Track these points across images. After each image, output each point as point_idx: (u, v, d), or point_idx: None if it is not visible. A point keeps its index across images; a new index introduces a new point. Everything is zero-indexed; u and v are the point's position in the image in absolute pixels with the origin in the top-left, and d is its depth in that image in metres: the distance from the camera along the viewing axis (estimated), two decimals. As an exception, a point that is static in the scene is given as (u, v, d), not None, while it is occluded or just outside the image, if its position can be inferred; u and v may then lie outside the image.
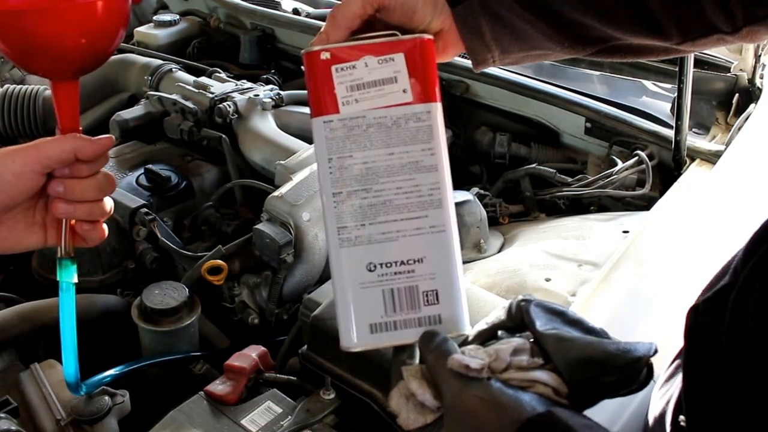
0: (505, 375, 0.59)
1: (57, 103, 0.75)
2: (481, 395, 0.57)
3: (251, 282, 1.42)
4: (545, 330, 0.60)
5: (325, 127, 0.66)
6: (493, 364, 0.59)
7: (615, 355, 0.57)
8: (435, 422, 0.61)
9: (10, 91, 1.84)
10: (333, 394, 1.06)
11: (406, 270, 0.66)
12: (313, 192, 1.39)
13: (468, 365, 0.58)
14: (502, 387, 0.57)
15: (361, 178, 0.65)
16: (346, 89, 0.66)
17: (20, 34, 0.69)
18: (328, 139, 0.66)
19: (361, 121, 0.66)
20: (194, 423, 1.03)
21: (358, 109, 0.66)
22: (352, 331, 0.66)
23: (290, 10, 2.41)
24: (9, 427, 1.03)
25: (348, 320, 0.66)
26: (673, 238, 1.26)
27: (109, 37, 0.74)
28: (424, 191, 0.66)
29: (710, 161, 1.55)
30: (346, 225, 0.65)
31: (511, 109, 1.88)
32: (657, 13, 0.70)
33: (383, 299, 0.66)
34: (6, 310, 1.32)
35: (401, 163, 0.66)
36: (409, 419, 0.62)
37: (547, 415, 0.55)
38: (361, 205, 0.65)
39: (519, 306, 0.63)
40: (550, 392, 0.58)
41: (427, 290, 0.66)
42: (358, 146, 0.66)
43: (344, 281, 0.66)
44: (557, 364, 0.58)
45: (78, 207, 0.73)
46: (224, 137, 1.70)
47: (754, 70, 1.73)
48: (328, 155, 0.66)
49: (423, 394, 0.61)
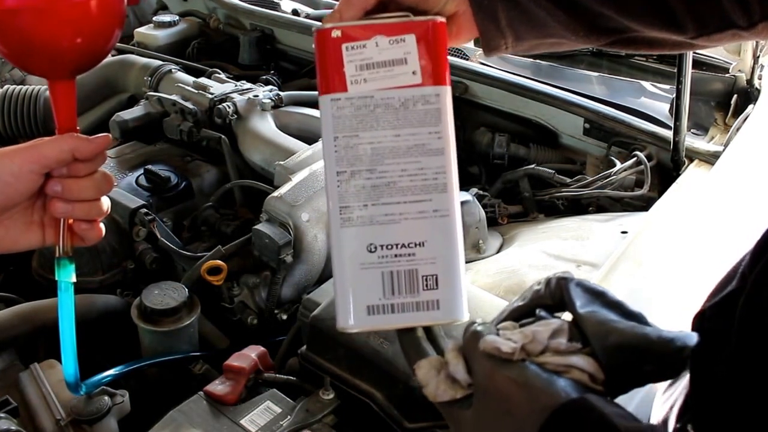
0: (541, 358, 0.57)
1: (54, 102, 0.76)
2: (514, 377, 0.56)
3: (250, 282, 1.42)
4: (585, 312, 0.58)
5: (332, 105, 0.65)
6: (528, 345, 0.57)
7: (656, 343, 0.55)
8: (463, 399, 0.60)
9: (10, 91, 1.84)
10: (332, 394, 1.06)
11: (406, 253, 0.65)
12: (312, 192, 1.39)
13: (500, 348, 0.57)
14: (537, 370, 0.56)
15: (366, 158, 0.65)
16: (355, 68, 0.65)
17: (16, 33, 0.69)
18: (334, 117, 0.65)
19: (368, 101, 0.65)
20: (193, 423, 1.03)
21: (366, 88, 0.65)
22: (349, 313, 0.65)
23: (289, 11, 2.42)
24: (9, 427, 1.03)
25: (346, 301, 0.65)
26: (672, 239, 1.26)
27: (104, 37, 0.74)
28: (429, 175, 0.65)
29: (709, 162, 1.55)
30: (349, 205, 0.65)
31: (510, 110, 1.88)
32: (675, 7, 0.70)
33: (382, 281, 0.65)
34: (6, 310, 1.32)
35: (407, 145, 0.65)
36: (439, 390, 0.60)
37: (581, 402, 0.54)
38: (365, 185, 0.65)
39: (558, 283, 0.60)
40: (586, 378, 0.56)
41: (426, 274, 0.65)
42: (364, 126, 0.65)
43: (344, 261, 0.65)
44: (596, 349, 0.56)
45: (76, 206, 0.73)
46: (224, 138, 1.71)
47: (753, 71, 1.73)
48: (334, 134, 0.65)
49: (457, 366, 0.59)
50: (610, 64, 2.18)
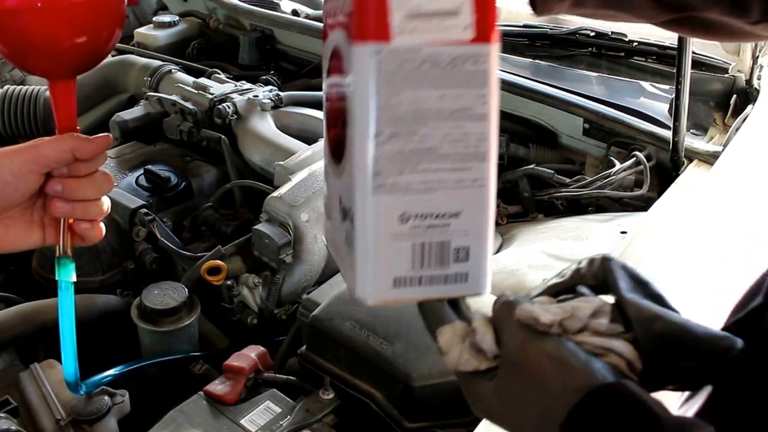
0: (579, 337, 0.53)
1: (54, 102, 0.76)
2: (549, 351, 0.52)
3: (250, 282, 1.42)
4: (630, 296, 0.54)
5: (372, 58, 0.56)
6: (566, 321, 0.54)
7: (704, 339, 0.52)
8: (486, 371, 0.56)
9: (10, 91, 1.84)
10: (332, 394, 1.07)
11: (441, 224, 0.60)
12: (311, 193, 1.39)
13: (537, 318, 0.53)
14: (575, 347, 0.52)
15: (409, 119, 0.58)
16: (403, 16, 0.56)
17: (16, 32, 0.70)
18: (375, 71, 0.56)
19: (414, 56, 0.57)
20: (193, 423, 1.03)
21: (413, 41, 0.56)
22: (372, 283, 0.60)
23: (289, 11, 2.42)
24: (9, 426, 1.03)
25: (370, 271, 0.60)
26: (671, 239, 1.26)
27: (104, 37, 0.74)
28: (472, 142, 0.59)
29: (708, 162, 1.55)
30: (383, 170, 0.58)
31: (510, 110, 1.88)
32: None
33: (412, 253, 0.60)
34: (6, 310, 1.32)
35: (452, 108, 0.58)
36: (462, 359, 0.57)
37: (619, 386, 0.50)
38: (402, 150, 0.58)
39: (603, 264, 0.57)
40: (624, 365, 0.53)
41: (458, 246, 0.61)
42: (408, 83, 0.57)
43: (372, 231, 0.59)
44: (639, 335, 0.53)
45: (76, 206, 0.73)
46: (223, 138, 1.71)
47: (752, 71, 1.74)
48: (373, 89, 0.57)
49: (485, 335, 0.56)
50: (610, 64, 2.18)
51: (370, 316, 1.09)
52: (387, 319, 1.08)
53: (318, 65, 2.22)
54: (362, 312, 1.10)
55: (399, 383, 1.02)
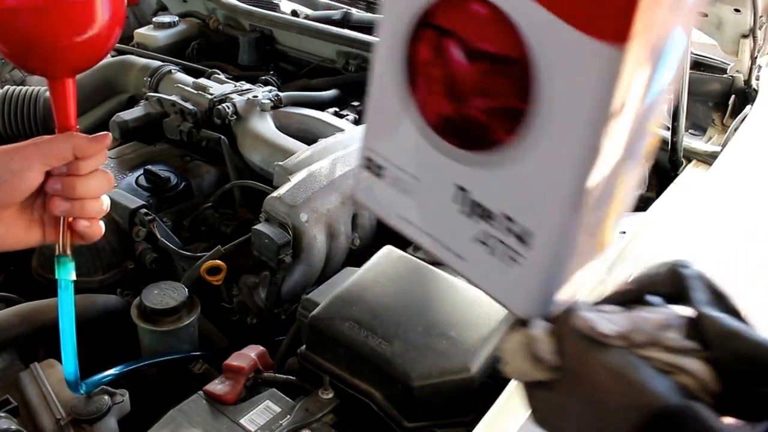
0: (646, 352, 0.48)
1: (54, 101, 0.76)
2: (609, 364, 0.47)
3: (250, 282, 1.42)
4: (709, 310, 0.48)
5: (609, 59, 0.44)
6: (632, 333, 0.48)
7: None
8: (546, 384, 0.51)
9: (10, 92, 1.84)
10: (332, 393, 1.07)
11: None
12: (311, 193, 1.39)
13: (594, 327, 0.48)
14: (637, 362, 0.47)
15: (633, 127, 0.47)
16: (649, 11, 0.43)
17: (15, 32, 0.70)
18: (610, 74, 0.44)
19: (651, 53, 0.46)
20: (193, 422, 1.03)
21: (650, 36, 0.45)
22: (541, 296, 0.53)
23: (289, 12, 2.42)
24: (9, 426, 1.03)
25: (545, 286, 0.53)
26: (670, 239, 1.26)
27: (104, 36, 0.74)
28: (647, 140, 0.51)
29: (706, 162, 1.55)
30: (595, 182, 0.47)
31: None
32: None
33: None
34: (6, 310, 1.32)
35: (659, 103, 0.49)
36: (520, 368, 0.52)
37: (687, 409, 0.45)
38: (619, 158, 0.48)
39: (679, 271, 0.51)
40: (697, 386, 0.47)
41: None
42: (638, 85, 0.46)
43: (563, 249, 0.51)
44: (717, 354, 0.47)
45: (76, 204, 0.73)
46: (223, 138, 1.71)
47: (750, 72, 1.74)
48: (608, 97, 0.45)
49: (543, 343, 0.51)
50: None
51: (369, 316, 1.09)
52: (386, 319, 1.09)
53: (317, 65, 2.22)
54: (361, 312, 1.10)
55: (398, 383, 1.03)
